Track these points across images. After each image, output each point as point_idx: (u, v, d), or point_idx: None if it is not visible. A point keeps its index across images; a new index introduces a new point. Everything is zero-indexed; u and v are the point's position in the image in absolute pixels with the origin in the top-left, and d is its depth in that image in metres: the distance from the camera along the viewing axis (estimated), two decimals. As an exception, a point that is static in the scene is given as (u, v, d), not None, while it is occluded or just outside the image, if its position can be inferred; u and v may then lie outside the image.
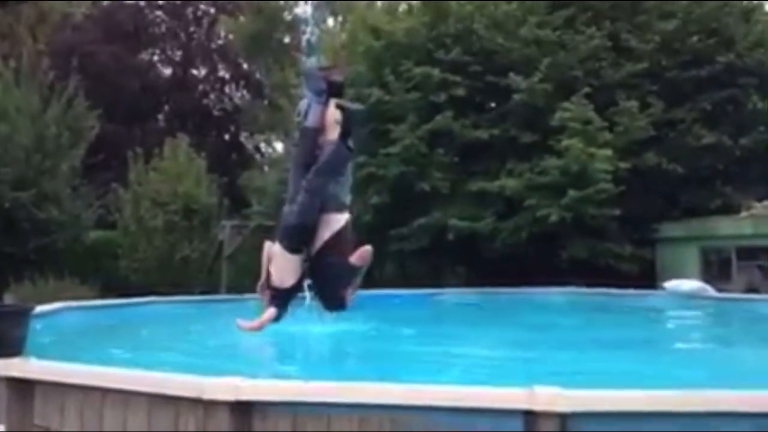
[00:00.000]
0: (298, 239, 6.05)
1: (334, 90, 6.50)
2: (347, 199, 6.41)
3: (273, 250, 6.13)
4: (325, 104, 6.32)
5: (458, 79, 14.71)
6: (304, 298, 6.59)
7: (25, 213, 15.16)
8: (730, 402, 3.13)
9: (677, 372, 5.01)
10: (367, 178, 14.32)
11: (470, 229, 13.97)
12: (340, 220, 6.12)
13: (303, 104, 6.46)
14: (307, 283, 6.40)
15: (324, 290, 6.17)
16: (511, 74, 14.37)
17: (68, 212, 16.28)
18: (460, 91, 14.69)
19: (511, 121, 14.79)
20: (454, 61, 14.88)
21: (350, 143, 6.36)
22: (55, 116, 16.51)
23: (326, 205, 6.10)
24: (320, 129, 6.29)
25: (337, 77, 6.67)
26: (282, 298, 6.09)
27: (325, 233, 6.03)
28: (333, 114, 6.33)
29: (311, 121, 6.31)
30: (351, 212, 6.43)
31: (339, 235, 6.06)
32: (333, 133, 6.29)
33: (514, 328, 7.63)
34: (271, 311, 6.01)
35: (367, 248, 6.18)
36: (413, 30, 15.54)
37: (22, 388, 3.87)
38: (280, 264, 6.06)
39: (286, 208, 6.23)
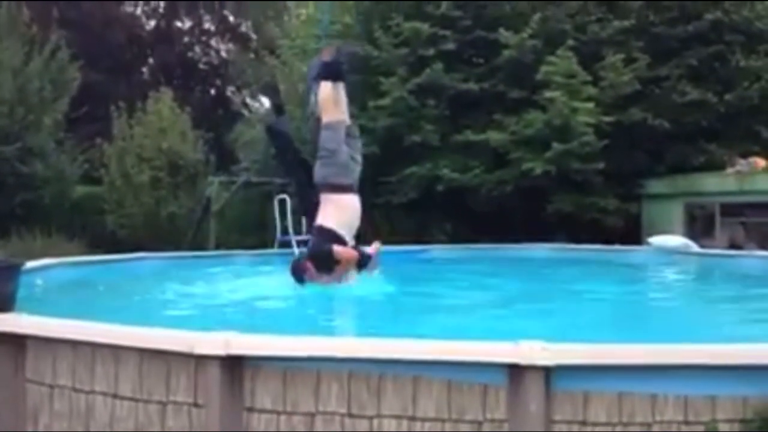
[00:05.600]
0: None
1: (324, 71, 6.53)
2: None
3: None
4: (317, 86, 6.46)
5: (448, 33, 14.60)
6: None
7: (9, 168, 15.01)
8: (719, 355, 3.21)
9: (662, 328, 5.11)
10: (356, 130, 14.28)
11: (460, 182, 14.05)
12: None
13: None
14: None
15: None
16: (501, 30, 14.26)
17: (53, 167, 16.14)
18: (450, 46, 14.60)
19: (499, 76, 14.75)
20: (443, 15, 14.74)
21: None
22: (38, 69, 16.24)
23: None
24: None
25: (325, 58, 6.71)
26: None
27: None
28: (324, 92, 6.42)
29: (311, 107, 6.50)
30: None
31: None
32: (328, 114, 6.43)
33: (500, 284, 7.72)
34: None
35: None
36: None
37: (14, 343, 3.91)
38: None
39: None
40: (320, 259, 6.30)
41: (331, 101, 6.54)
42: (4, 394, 3.89)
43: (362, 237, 6.99)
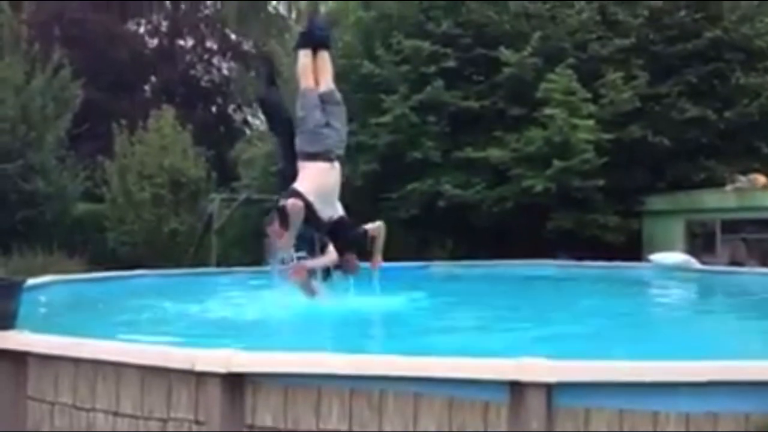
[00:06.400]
0: None
1: (300, 40, 6.57)
2: None
3: None
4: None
5: (448, 51, 14.70)
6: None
7: (12, 185, 15.07)
8: (720, 371, 3.20)
9: (664, 345, 5.09)
10: (357, 147, 14.40)
11: (461, 198, 14.08)
12: None
13: None
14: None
15: None
16: (502, 48, 14.36)
17: (55, 184, 16.20)
18: (451, 63, 14.70)
19: (500, 93, 14.83)
20: (444, 34, 14.85)
21: None
22: (40, 87, 16.35)
23: None
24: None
25: (301, 29, 6.73)
26: None
27: None
28: (299, 61, 6.49)
29: None
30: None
31: None
32: (303, 82, 6.46)
33: (500, 301, 7.71)
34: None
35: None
36: (404, 2, 15.45)
37: (16, 360, 3.90)
38: None
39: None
40: (279, 213, 6.26)
41: (308, 69, 6.47)
42: (6, 411, 3.88)
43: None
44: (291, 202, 6.04)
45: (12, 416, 3.88)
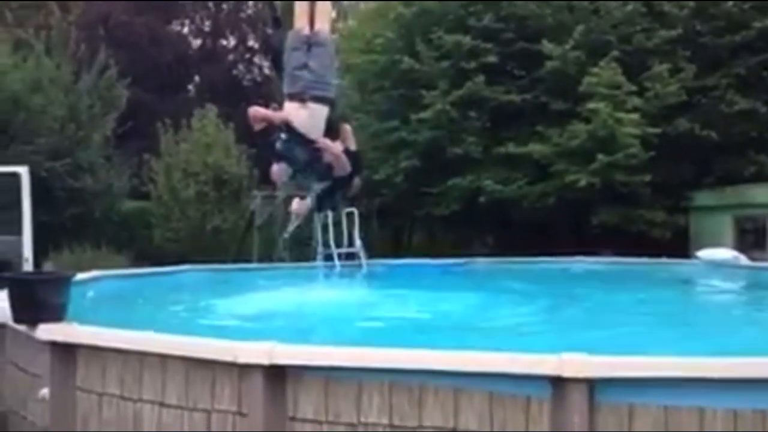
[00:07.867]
0: None
1: None
2: None
3: None
4: None
5: (489, 46, 14.59)
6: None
7: (61, 182, 15.46)
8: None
9: (711, 342, 4.98)
10: (398, 143, 14.45)
11: (502, 194, 13.98)
12: None
13: None
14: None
15: None
16: (545, 41, 14.19)
17: (102, 182, 16.58)
18: (492, 58, 14.58)
19: (542, 88, 14.67)
20: (485, 28, 14.74)
21: None
22: (88, 87, 16.75)
23: None
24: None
25: None
26: None
27: None
28: (296, 6, 6.57)
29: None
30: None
31: None
32: (295, 24, 6.54)
33: (542, 298, 7.64)
34: None
35: None
36: (445, -3, 15.41)
37: (65, 352, 4.01)
38: None
39: None
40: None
41: (301, 13, 6.54)
42: (56, 401, 4.00)
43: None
44: (252, 110, 6.60)
45: (62, 406, 3.99)
